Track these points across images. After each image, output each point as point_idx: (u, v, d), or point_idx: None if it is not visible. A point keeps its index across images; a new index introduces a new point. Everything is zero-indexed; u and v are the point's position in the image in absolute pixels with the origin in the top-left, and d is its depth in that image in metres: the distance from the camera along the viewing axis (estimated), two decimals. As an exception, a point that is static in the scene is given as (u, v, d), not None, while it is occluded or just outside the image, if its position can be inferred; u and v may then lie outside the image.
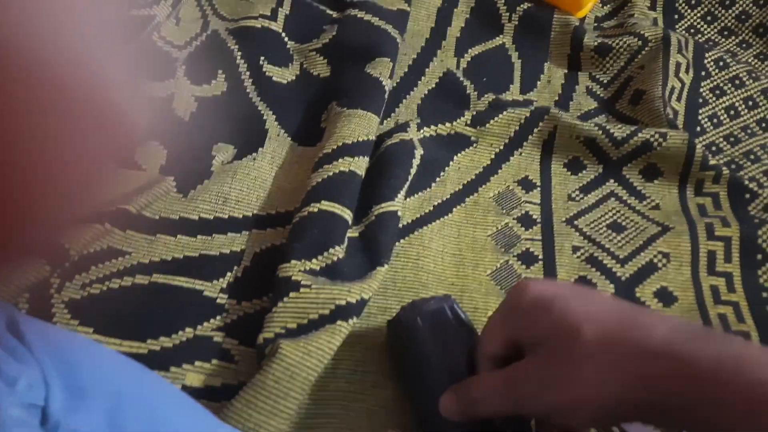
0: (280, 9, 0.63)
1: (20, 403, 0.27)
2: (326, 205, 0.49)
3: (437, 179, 0.57)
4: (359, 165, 0.52)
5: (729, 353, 0.30)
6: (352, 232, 0.51)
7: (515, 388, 0.35)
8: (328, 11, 0.65)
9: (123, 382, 0.32)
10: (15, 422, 0.26)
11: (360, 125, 0.54)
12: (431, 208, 0.55)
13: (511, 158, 0.59)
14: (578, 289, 0.37)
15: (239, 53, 0.60)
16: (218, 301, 0.47)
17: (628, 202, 0.57)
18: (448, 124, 0.59)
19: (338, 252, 0.48)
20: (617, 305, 0.35)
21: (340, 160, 0.52)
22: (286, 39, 0.62)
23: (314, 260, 0.47)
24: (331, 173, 0.51)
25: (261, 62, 0.60)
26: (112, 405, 0.30)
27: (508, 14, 0.69)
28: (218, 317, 0.47)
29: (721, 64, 0.66)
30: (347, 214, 0.49)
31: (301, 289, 0.45)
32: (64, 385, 0.29)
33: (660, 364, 0.31)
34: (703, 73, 0.66)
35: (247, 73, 0.60)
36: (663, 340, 0.32)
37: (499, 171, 0.58)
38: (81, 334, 0.43)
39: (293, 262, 0.46)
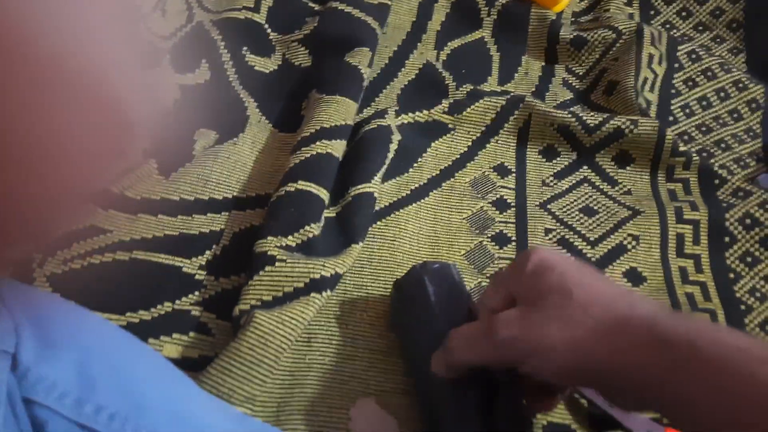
0: (263, 1, 0.65)
1: (-9, 348, 0.28)
2: (303, 185, 0.50)
3: (414, 164, 0.58)
4: (336, 148, 0.54)
5: (706, 332, 0.32)
6: (329, 213, 0.52)
7: (495, 331, 0.37)
8: (311, 3, 0.67)
9: (94, 337, 0.33)
10: (-14, 365, 0.27)
11: (338, 110, 0.56)
12: (408, 192, 0.56)
13: (488, 145, 0.60)
14: (580, 263, 0.39)
15: (222, 43, 0.62)
16: (197, 277, 0.49)
17: (601, 187, 0.58)
18: (426, 112, 0.60)
19: (314, 229, 0.49)
20: (612, 283, 0.38)
21: (318, 143, 0.53)
22: (268, 30, 0.64)
23: (290, 237, 0.48)
24: (308, 155, 0.52)
25: (244, 52, 0.62)
26: (82, 357, 0.31)
27: (487, 9, 0.70)
28: (196, 292, 0.48)
29: (693, 56, 0.68)
30: (323, 194, 0.51)
31: (277, 263, 0.46)
32: (35, 336, 0.30)
33: (636, 334, 0.33)
34: (676, 65, 0.67)
35: (230, 62, 0.61)
36: (644, 314, 0.33)
37: (476, 157, 0.60)
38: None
39: (269, 238, 0.48)
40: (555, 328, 0.34)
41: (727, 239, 0.55)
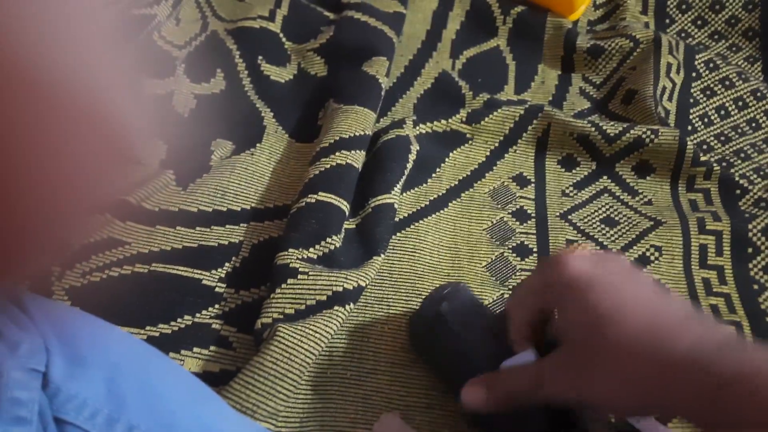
0: (278, 10, 0.64)
1: (22, 367, 0.27)
2: (323, 196, 0.50)
3: (433, 175, 0.58)
4: (356, 158, 0.53)
5: (750, 367, 0.30)
6: (349, 224, 0.52)
7: (541, 385, 0.36)
8: (326, 12, 0.66)
9: (122, 353, 0.32)
10: (17, 384, 0.27)
11: (356, 121, 0.55)
12: (427, 203, 0.56)
13: (506, 155, 0.60)
14: (616, 271, 0.36)
15: (238, 53, 0.61)
16: (217, 289, 0.48)
17: (621, 197, 0.58)
18: (443, 122, 0.60)
19: (335, 241, 0.48)
20: (651, 302, 0.34)
21: (337, 153, 0.52)
22: (283, 39, 0.63)
23: (311, 249, 0.48)
24: (327, 166, 0.52)
25: (259, 62, 0.61)
26: (111, 375, 0.30)
27: (502, 17, 0.70)
28: (216, 305, 0.47)
29: (711, 65, 0.68)
30: (344, 205, 0.50)
31: (299, 276, 0.46)
32: (65, 354, 0.29)
33: (680, 376, 0.31)
34: (693, 74, 0.67)
35: (246, 72, 0.61)
36: (686, 350, 0.31)
37: (494, 167, 0.59)
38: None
39: (291, 250, 0.47)
40: (604, 381, 0.33)
41: (750, 250, 0.54)
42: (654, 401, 0.32)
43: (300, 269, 0.46)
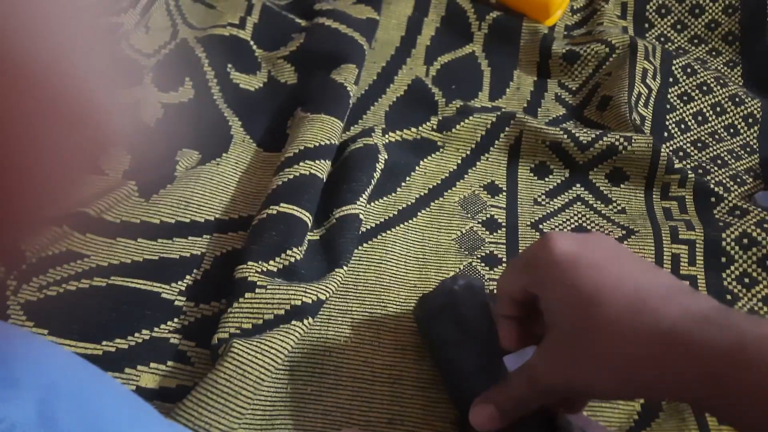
0: (248, 17, 0.64)
1: (-51, 392, 0.27)
2: (285, 208, 0.49)
3: (402, 184, 0.57)
4: (320, 168, 0.52)
5: (740, 339, 0.29)
6: (313, 236, 0.51)
7: (539, 379, 0.35)
8: (297, 20, 0.65)
9: (58, 373, 0.31)
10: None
11: (322, 129, 0.54)
12: (396, 213, 0.55)
13: (478, 163, 0.59)
14: (600, 249, 0.36)
15: (207, 61, 0.60)
16: (176, 303, 0.47)
17: (594, 206, 0.57)
18: (414, 129, 0.59)
19: (296, 254, 0.47)
20: (636, 278, 0.34)
21: (301, 163, 0.52)
22: (254, 47, 0.63)
23: (271, 262, 0.47)
24: (291, 176, 0.51)
25: (228, 70, 0.61)
26: (45, 396, 0.29)
27: (477, 23, 0.69)
28: (175, 319, 0.46)
29: (689, 70, 0.67)
30: (306, 217, 0.49)
31: (257, 290, 0.45)
32: (-2, 376, 0.28)
33: (666, 352, 0.30)
34: (670, 80, 0.66)
35: (215, 80, 0.60)
36: (671, 325, 0.30)
37: (465, 176, 0.58)
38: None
39: (250, 263, 0.46)
40: (594, 365, 0.33)
41: (723, 259, 0.53)
42: (644, 382, 0.32)
43: (258, 283, 0.45)
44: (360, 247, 0.52)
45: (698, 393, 0.30)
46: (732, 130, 0.64)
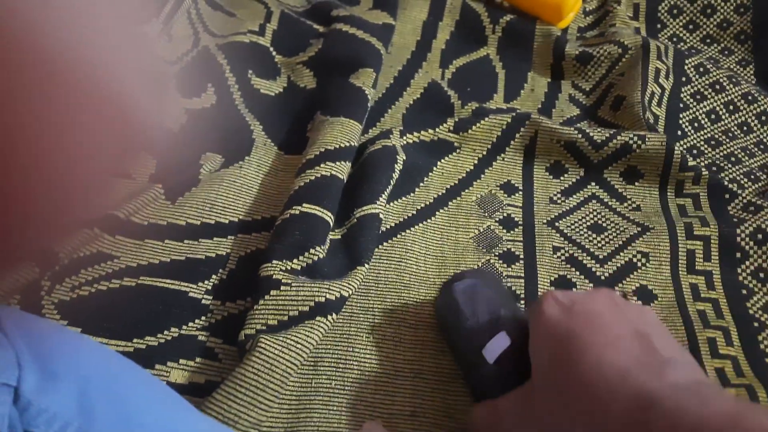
0: (267, 24, 0.65)
1: (-6, 381, 0.28)
2: (307, 208, 0.50)
3: (421, 184, 0.58)
4: (341, 169, 0.54)
5: (691, 419, 0.29)
6: (334, 235, 0.52)
7: (498, 424, 0.39)
8: (315, 26, 0.67)
9: (94, 367, 0.33)
10: (-12, 399, 0.27)
11: (342, 132, 0.56)
12: (414, 212, 0.56)
13: (494, 163, 0.60)
14: (583, 316, 0.37)
15: (228, 67, 0.62)
16: (203, 302, 0.49)
17: (609, 203, 0.58)
18: (431, 131, 0.60)
19: (319, 252, 0.49)
20: (599, 353, 0.34)
21: (322, 165, 0.53)
22: (273, 53, 0.64)
23: (295, 260, 0.48)
24: (312, 177, 0.52)
25: (249, 75, 0.62)
26: (83, 388, 0.31)
27: (491, 26, 0.71)
28: (203, 317, 0.48)
29: (701, 69, 0.67)
30: (328, 216, 0.51)
31: (282, 287, 0.46)
32: (37, 368, 0.30)
33: (642, 415, 0.31)
34: (683, 79, 0.67)
35: (236, 86, 0.62)
36: (619, 413, 0.31)
37: (482, 176, 0.59)
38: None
39: (275, 262, 0.48)
40: (571, 422, 0.34)
41: (738, 255, 0.54)
42: None
43: (283, 280, 0.47)
44: (380, 246, 0.53)
45: None
46: (745, 128, 0.64)
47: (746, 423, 0.28)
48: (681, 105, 0.66)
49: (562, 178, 0.60)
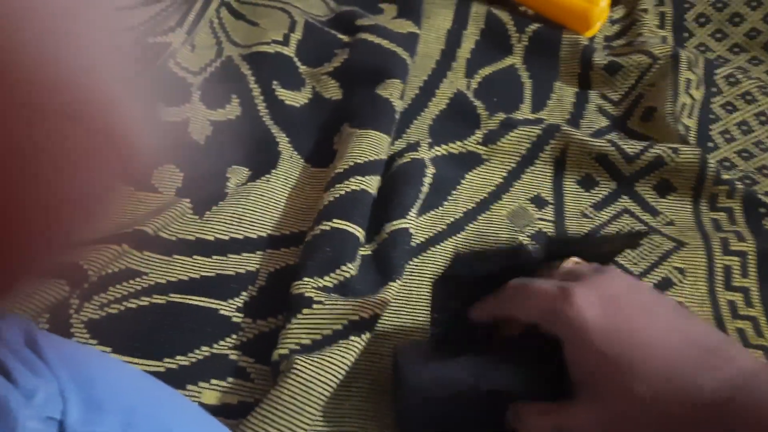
0: (292, 34, 0.64)
1: (38, 416, 0.27)
2: (338, 223, 0.50)
3: (449, 198, 0.57)
4: (370, 184, 0.53)
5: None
6: (365, 250, 0.51)
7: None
8: (339, 35, 0.66)
9: (137, 396, 0.32)
10: (34, 434, 0.27)
11: (371, 145, 0.55)
12: (444, 227, 0.55)
13: (523, 176, 0.59)
14: (628, 310, 0.35)
15: (252, 78, 0.61)
16: (234, 319, 0.48)
17: (642, 218, 0.57)
18: (459, 143, 0.59)
19: (350, 269, 0.48)
20: (668, 346, 0.34)
21: (351, 179, 0.52)
22: (298, 63, 0.63)
23: (326, 277, 0.47)
24: (342, 192, 0.51)
25: (274, 86, 0.61)
26: (127, 419, 0.30)
27: (517, 35, 0.70)
28: (234, 336, 0.47)
29: (731, 80, 0.66)
30: (359, 232, 0.50)
31: (314, 306, 0.45)
32: (81, 399, 0.29)
33: (708, 422, 0.31)
34: (713, 90, 0.66)
35: (261, 97, 0.61)
36: (711, 396, 0.31)
37: (511, 189, 0.58)
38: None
39: (306, 279, 0.47)
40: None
41: (776, 271, 0.53)
42: None
43: (315, 298, 0.46)
44: (411, 262, 0.52)
45: None
46: (777, 139, 0.63)
47: None
48: (712, 116, 0.65)
49: (593, 191, 0.59)
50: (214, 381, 0.45)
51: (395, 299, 0.50)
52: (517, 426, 0.38)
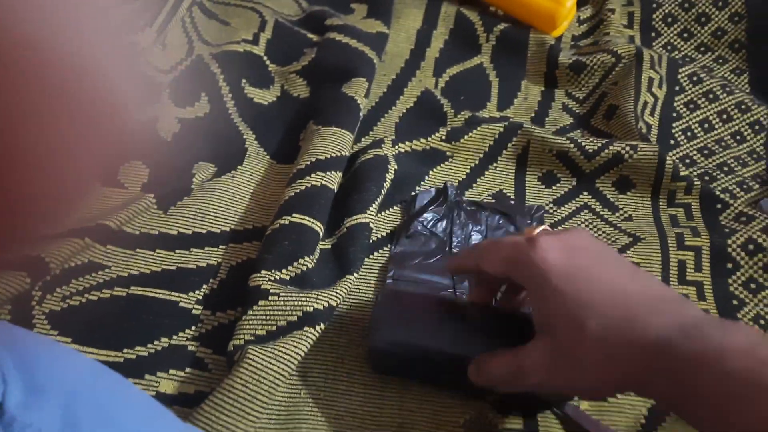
0: (262, 34, 0.65)
1: (-24, 398, 0.28)
2: (297, 218, 0.51)
3: (413, 193, 0.58)
4: (331, 179, 0.54)
5: (713, 346, 0.32)
6: (325, 245, 0.52)
7: (526, 375, 0.38)
8: (309, 35, 0.67)
9: (80, 379, 0.33)
10: (-29, 416, 0.27)
11: (333, 142, 0.56)
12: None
13: (486, 172, 0.60)
14: (588, 257, 0.38)
15: (222, 76, 0.62)
16: (193, 311, 0.49)
17: (601, 213, 0.58)
18: (423, 140, 0.60)
19: (308, 262, 0.49)
20: (625, 287, 0.36)
21: (312, 175, 0.53)
22: (267, 62, 0.64)
23: (284, 270, 0.48)
24: (303, 187, 0.53)
25: (243, 84, 0.62)
26: (68, 402, 0.31)
27: (485, 35, 0.71)
28: (193, 327, 0.48)
29: (695, 78, 0.67)
30: (318, 226, 0.51)
31: (270, 297, 0.46)
32: (22, 383, 0.30)
33: (648, 361, 0.33)
34: (677, 88, 0.67)
35: (230, 95, 0.62)
36: (656, 337, 0.33)
37: (474, 185, 0.59)
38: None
39: (264, 272, 0.48)
40: (587, 371, 0.36)
41: (729, 265, 0.54)
42: (624, 386, 0.36)
43: (271, 290, 0.47)
44: (371, 257, 0.53)
45: (669, 394, 0.33)
46: (738, 137, 0.64)
47: (764, 351, 0.30)
48: (674, 114, 0.66)
49: (554, 187, 0.60)
50: (172, 371, 0.46)
51: (354, 293, 0.51)
52: (477, 379, 0.41)
